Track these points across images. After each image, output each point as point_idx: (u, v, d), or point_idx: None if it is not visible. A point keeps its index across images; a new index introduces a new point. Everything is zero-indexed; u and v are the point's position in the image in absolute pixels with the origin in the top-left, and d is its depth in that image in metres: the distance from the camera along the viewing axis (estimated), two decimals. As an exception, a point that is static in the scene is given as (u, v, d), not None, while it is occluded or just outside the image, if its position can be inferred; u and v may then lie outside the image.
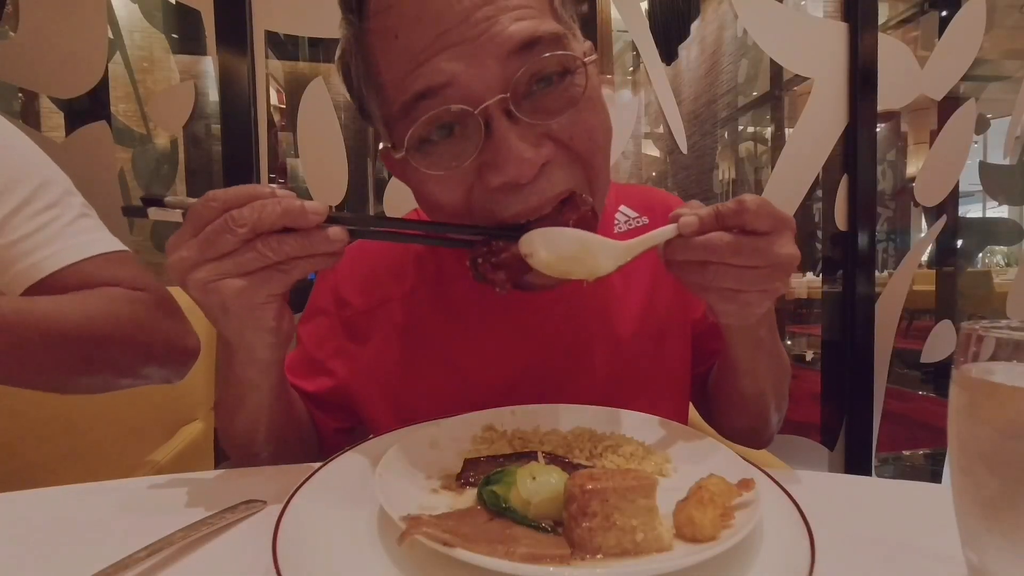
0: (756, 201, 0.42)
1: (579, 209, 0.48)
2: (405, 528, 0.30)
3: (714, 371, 0.69)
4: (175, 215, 0.44)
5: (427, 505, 0.37)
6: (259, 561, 0.33)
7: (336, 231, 0.41)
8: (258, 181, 1.28)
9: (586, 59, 0.46)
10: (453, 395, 0.61)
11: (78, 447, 0.95)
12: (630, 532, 0.30)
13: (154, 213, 0.44)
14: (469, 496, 0.39)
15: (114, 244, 0.67)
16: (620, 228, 0.67)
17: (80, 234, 0.65)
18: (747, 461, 0.42)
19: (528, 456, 0.43)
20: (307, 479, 0.40)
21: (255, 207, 0.39)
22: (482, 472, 0.40)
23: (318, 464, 0.43)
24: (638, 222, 0.67)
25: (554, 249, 0.45)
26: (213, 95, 1.84)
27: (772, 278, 0.44)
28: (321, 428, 0.67)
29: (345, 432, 0.69)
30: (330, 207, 0.42)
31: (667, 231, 0.44)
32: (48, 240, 0.63)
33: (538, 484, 0.34)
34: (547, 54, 0.44)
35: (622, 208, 0.69)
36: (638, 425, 0.50)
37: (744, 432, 0.66)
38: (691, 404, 0.74)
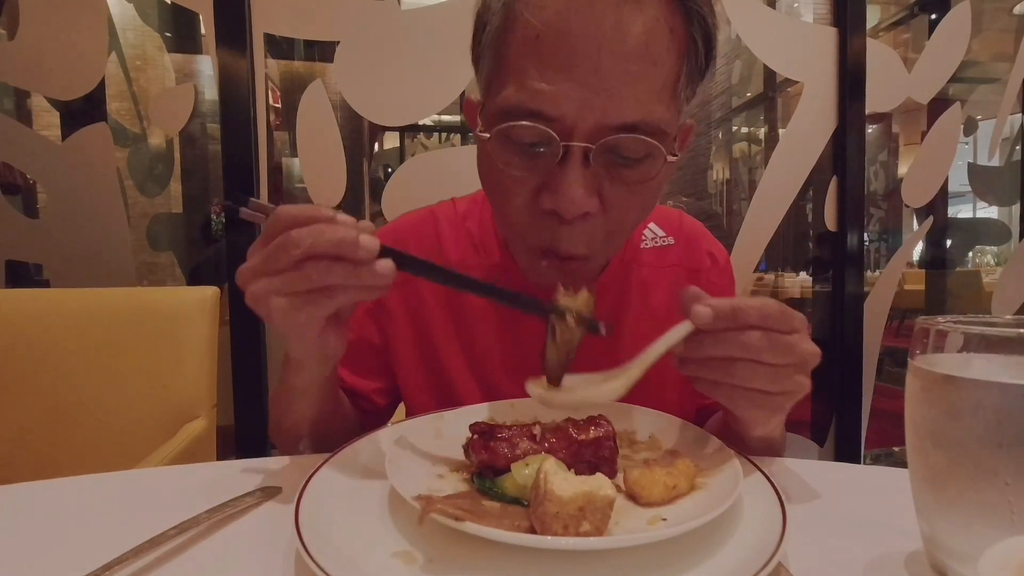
0: (777, 304, 0.42)
1: (601, 448, 0.43)
2: (421, 508, 0.33)
3: (713, 423, 0.66)
4: (259, 217, 0.44)
5: (434, 488, 0.40)
6: (279, 540, 0.36)
7: (384, 265, 0.41)
8: (257, 181, 1.29)
9: (668, 158, 0.50)
10: (469, 380, 0.65)
11: (78, 446, 0.96)
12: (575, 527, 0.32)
13: (243, 213, 0.45)
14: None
15: None
16: (647, 244, 0.70)
17: None
18: (731, 449, 0.44)
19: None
20: (321, 466, 0.43)
21: (312, 231, 0.39)
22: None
23: (329, 453, 0.45)
24: (665, 241, 0.70)
25: (553, 400, 0.45)
26: (209, 94, 1.85)
27: (798, 381, 0.43)
28: (363, 392, 0.70)
29: (385, 393, 0.72)
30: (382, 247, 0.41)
31: (679, 331, 0.42)
32: None
33: (531, 470, 0.37)
34: (638, 137, 0.47)
35: (651, 226, 0.72)
36: (636, 418, 0.52)
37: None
38: None
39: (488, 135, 0.50)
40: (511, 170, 0.50)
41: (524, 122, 0.47)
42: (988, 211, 4.71)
